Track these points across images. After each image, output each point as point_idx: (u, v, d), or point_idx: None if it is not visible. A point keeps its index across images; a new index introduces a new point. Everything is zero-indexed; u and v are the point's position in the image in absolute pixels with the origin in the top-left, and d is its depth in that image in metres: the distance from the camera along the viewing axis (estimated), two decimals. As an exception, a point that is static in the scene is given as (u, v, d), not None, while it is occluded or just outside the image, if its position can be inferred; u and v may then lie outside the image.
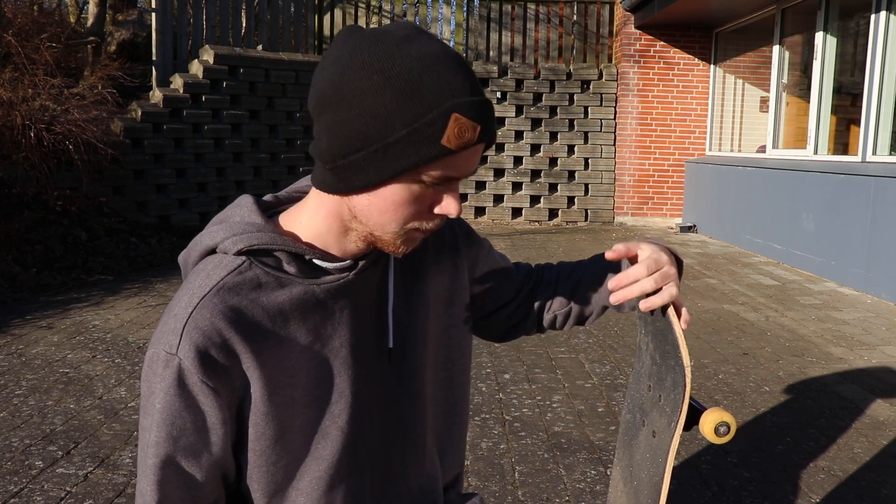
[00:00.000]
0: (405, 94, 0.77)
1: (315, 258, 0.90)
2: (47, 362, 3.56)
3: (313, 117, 0.84)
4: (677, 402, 0.94)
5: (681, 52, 9.16)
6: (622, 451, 1.10)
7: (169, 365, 0.83)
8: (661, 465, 0.95)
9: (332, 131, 0.81)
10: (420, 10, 9.90)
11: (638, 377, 1.09)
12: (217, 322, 0.83)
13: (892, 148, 5.58)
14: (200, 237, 0.92)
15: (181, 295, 0.87)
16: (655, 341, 1.02)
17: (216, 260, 0.88)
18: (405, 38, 0.80)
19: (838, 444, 2.75)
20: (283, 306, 0.88)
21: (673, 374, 0.96)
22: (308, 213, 0.91)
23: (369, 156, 0.80)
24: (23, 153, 5.73)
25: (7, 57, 6.42)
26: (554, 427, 2.87)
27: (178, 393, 0.83)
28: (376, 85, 0.78)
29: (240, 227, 0.89)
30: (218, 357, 0.83)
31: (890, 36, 5.52)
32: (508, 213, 9.50)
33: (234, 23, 8.42)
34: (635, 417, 1.08)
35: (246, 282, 0.87)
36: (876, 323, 4.51)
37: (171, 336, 0.84)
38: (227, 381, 0.85)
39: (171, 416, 0.83)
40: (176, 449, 0.84)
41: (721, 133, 9.19)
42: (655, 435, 0.99)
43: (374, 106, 0.78)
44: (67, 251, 5.60)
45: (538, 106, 9.36)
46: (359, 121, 0.79)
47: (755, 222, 7.29)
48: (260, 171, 8.18)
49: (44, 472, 2.44)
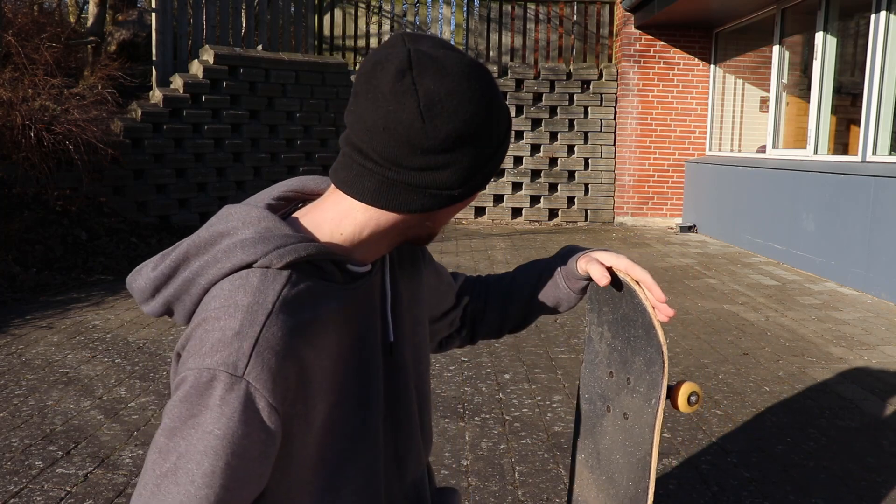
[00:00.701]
0: (504, 119, 0.88)
1: (350, 264, 0.90)
2: (47, 362, 3.56)
3: (444, 146, 0.82)
4: (655, 380, 0.97)
5: (681, 52, 9.16)
6: (584, 440, 1.12)
7: (233, 389, 0.75)
8: (646, 443, 0.98)
9: (475, 162, 0.86)
10: (420, 11, 9.90)
11: (593, 366, 1.11)
12: (289, 340, 0.79)
13: (892, 148, 5.58)
14: (226, 256, 0.83)
15: (232, 313, 0.78)
16: (615, 328, 1.05)
17: (259, 275, 0.81)
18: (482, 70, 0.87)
19: (838, 444, 2.75)
20: (335, 312, 0.86)
21: (644, 354, 0.99)
22: (332, 219, 0.88)
23: (486, 164, 0.88)
24: (23, 153, 5.73)
25: (7, 57, 6.42)
26: (554, 427, 2.87)
27: (243, 419, 0.75)
28: (490, 102, 0.84)
29: (280, 240, 0.84)
30: (291, 378, 0.79)
31: (890, 36, 5.52)
32: (508, 213, 9.50)
33: (234, 23, 8.42)
34: (595, 405, 1.09)
35: (301, 293, 0.82)
36: (876, 323, 4.51)
37: (234, 357, 0.76)
38: (292, 406, 0.80)
39: (233, 445, 0.75)
40: (232, 479, 0.76)
41: (721, 133, 9.19)
42: (627, 416, 1.02)
43: (494, 121, 0.86)
44: (67, 251, 5.60)
45: (538, 106, 9.36)
46: (479, 133, 0.84)
47: (755, 222, 7.30)
48: (260, 171, 8.18)
49: (44, 472, 2.44)
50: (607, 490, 1.05)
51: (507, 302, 1.20)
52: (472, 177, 0.86)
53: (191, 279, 0.84)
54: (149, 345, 3.87)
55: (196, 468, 0.74)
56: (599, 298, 1.09)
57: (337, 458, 0.89)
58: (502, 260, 6.66)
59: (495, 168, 0.89)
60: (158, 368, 3.50)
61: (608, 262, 1.06)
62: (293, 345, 0.79)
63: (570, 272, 1.13)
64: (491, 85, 0.84)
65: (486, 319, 1.22)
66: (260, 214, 0.86)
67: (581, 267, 1.09)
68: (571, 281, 1.13)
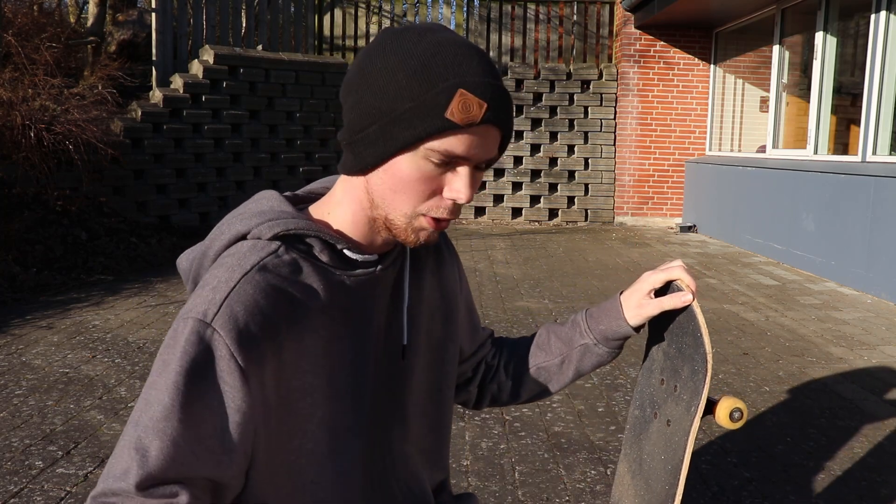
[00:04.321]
0: (416, 72, 0.82)
1: (346, 249, 0.91)
2: (47, 362, 3.56)
3: (342, 104, 0.89)
4: (697, 388, 0.97)
5: (681, 52, 9.16)
6: (630, 447, 1.11)
7: (199, 332, 0.79)
8: (680, 447, 0.98)
9: (352, 111, 0.87)
10: (420, 11, 9.90)
11: (649, 373, 1.10)
12: (261, 300, 0.82)
13: (892, 148, 5.58)
14: (227, 227, 0.90)
15: (216, 273, 0.83)
16: (671, 336, 1.05)
17: (249, 244, 0.87)
18: (428, 29, 0.85)
19: (838, 444, 2.75)
20: (319, 292, 0.88)
21: (691, 363, 0.99)
22: (334, 205, 0.93)
23: (379, 129, 0.84)
24: (23, 153, 5.73)
25: (7, 57, 6.42)
26: (554, 427, 2.87)
27: (203, 360, 0.79)
28: (392, 65, 0.83)
29: (273, 214, 0.89)
30: (258, 337, 0.81)
31: (890, 36, 5.52)
32: (508, 212, 9.50)
33: (234, 23, 8.42)
34: (645, 412, 1.09)
35: (284, 264, 0.86)
36: (876, 323, 4.51)
37: (205, 305, 0.80)
38: (258, 367, 0.81)
39: (191, 384, 0.78)
40: (190, 417, 0.78)
41: (721, 133, 9.19)
42: (670, 423, 1.01)
43: (388, 84, 0.83)
44: (67, 251, 5.60)
45: (538, 106, 9.37)
46: (373, 98, 0.84)
47: (755, 222, 7.30)
48: (260, 171, 8.18)
49: (44, 472, 2.44)
50: (643, 496, 1.05)
51: (525, 365, 1.18)
52: (355, 125, 0.87)
53: (204, 252, 0.92)
54: (149, 345, 3.87)
55: (159, 397, 0.78)
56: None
57: (317, 440, 0.89)
58: (502, 260, 6.66)
59: (403, 133, 0.83)
60: (158, 368, 3.50)
61: (663, 279, 1.06)
62: (265, 306, 0.82)
63: (610, 333, 1.11)
64: (413, 53, 0.82)
65: (497, 378, 1.20)
66: (271, 195, 0.93)
67: (637, 315, 1.07)
68: (610, 342, 1.12)
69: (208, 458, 0.80)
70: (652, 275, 1.07)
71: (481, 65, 0.83)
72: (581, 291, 5.35)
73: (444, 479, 1.14)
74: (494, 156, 0.88)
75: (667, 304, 1.05)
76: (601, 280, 5.80)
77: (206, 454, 0.80)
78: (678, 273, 1.04)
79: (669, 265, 1.06)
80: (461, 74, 0.81)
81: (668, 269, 1.05)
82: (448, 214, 0.88)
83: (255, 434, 0.84)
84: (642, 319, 1.08)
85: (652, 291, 1.07)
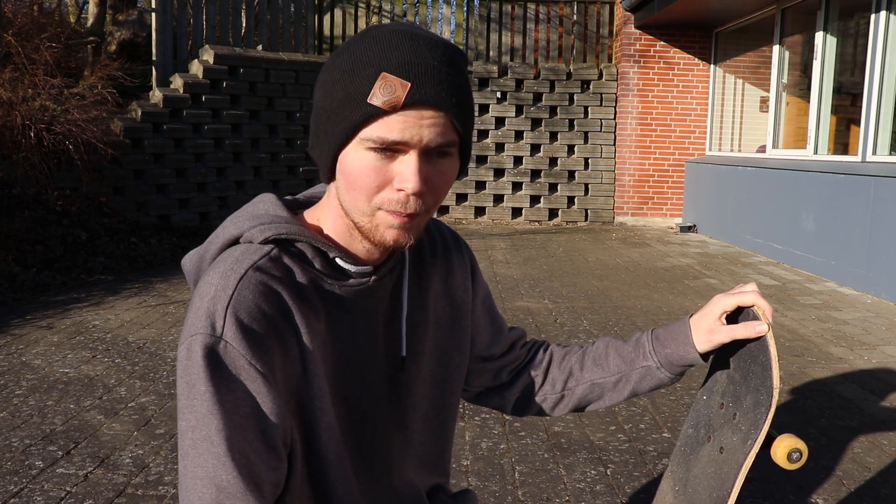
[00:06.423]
0: (347, 66, 0.82)
1: (339, 258, 0.90)
2: (47, 362, 3.56)
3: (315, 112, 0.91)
4: (758, 421, 0.93)
5: (681, 52, 9.16)
6: (678, 465, 1.08)
7: (212, 348, 0.79)
8: (730, 481, 0.94)
9: (311, 120, 0.89)
10: (420, 10, 9.90)
11: (710, 394, 1.06)
12: (261, 302, 0.81)
13: (892, 148, 5.58)
14: (222, 230, 0.90)
15: (210, 280, 0.83)
16: (738, 360, 1.01)
17: (242, 248, 0.86)
18: (383, 26, 0.85)
19: (838, 444, 2.75)
20: (312, 296, 0.87)
21: (756, 394, 0.95)
22: (322, 212, 0.93)
23: (321, 129, 0.85)
24: (23, 153, 5.73)
25: (7, 57, 6.42)
26: (554, 427, 2.87)
27: (225, 375, 0.78)
28: (332, 66, 0.84)
29: (266, 218, 0.89)
30: (264, 337, 0.81)
31: (890, 36, 5.52)
32: (508, 212, 9.50)
33: (234, 23, 8.42)
34: (699, 433, 1.06)
35: (277, 266, 0.85)
36: (876, 323, 4.51)
37: (210, 319, 0.79)
38: (271, 367, 0.81)
39: (225, 402, 0.78)
40: (239, 432, 0.79)
41: (721, 133, 9.19)
42: (723, 451, 0.98)
43: (327, 84, 0.84)
44: (67, 251, 5.60)
45: (538, 106, 9.36)
46: (318, 100, 0.85)
47: (755, 222, 7.30)
48: (260, 171, 8.18)
49: (44, 472, 2.44)
50: None
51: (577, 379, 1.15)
52: (311, 130, 0.89)
53: (202, 255, 0.92)
54: (149, 345, 3.87)
55: (206, 428, 0.78)
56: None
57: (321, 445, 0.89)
58: (502, 260, 6.66)
59: (336, 128, 0.83)
60: (158, 368, 3.50)
61: (735, 304, 1.00)
62: (265, 307, 0.82)
63: (676, 359, 1.06)
64: (351, 49, 0.83)
65: (543, 389, 1.16)
66: (269, 199, 0.93)
67: (706, 342, 1.03)
68: (674, 367, 1.08)
69: (263, 464, 0.81)
70: (724, 298, 1.01)
71: (413, 46, 0.80)
72: (581, 291, 5.35)
73: (443, 482, 1.13)
74: (447, 139, 0.82)
75: (739, 334, 0.98)
76: (601, 280, 5.80)
77: (261, 461, 0.80)
78: (752, 298, 0.99)
79: (742, 289, 1.01)
80: (387, 59, 0.79)
81: (742, 294, 1.00)
82: (401, 207, 0.83)
83: (291, 431, 0.85)
84: (712, 346, 1.02)
85: (724, 316, 1.02)
